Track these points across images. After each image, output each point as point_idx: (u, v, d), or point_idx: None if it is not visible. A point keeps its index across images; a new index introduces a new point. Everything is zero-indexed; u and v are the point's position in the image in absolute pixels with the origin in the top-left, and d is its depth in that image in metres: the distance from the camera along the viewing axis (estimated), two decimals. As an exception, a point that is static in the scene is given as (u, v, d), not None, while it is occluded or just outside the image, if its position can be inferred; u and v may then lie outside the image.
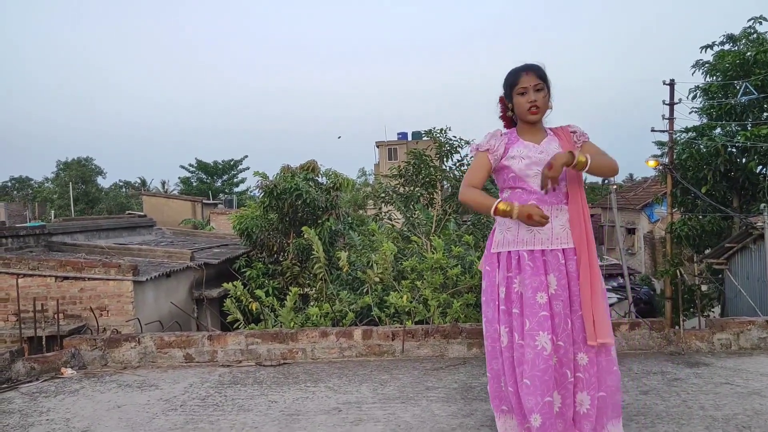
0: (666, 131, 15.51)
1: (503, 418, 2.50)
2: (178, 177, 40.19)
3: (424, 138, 13.81)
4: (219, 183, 39.20)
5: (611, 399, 2.36)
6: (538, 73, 2.42)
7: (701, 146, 14.54)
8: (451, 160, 11.20)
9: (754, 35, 15.40)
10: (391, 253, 5.07)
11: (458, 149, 11.12)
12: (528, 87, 2.40)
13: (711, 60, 15.61)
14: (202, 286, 9.65)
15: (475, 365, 3.79)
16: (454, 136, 11.27)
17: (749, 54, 14.58)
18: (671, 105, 15.34)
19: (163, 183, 46.52)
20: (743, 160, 14.29)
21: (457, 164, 11.19)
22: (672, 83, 15.37)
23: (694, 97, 15.80)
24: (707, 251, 15.17)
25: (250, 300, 5.53)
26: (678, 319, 4.35)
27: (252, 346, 4.15)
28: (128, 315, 7.66)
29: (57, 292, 7.73)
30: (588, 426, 2.33)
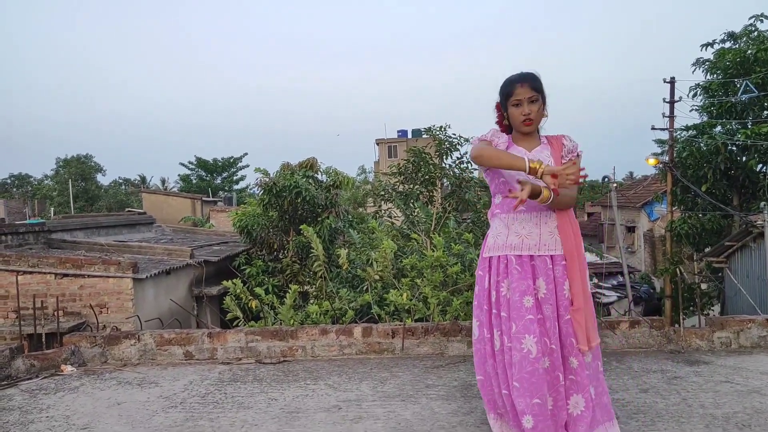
0: (666, 129, 15.54)
1: (499, 422, 2.52)
2: (178, 174, 40.11)
3: (424, 135, 13.82)
4: (219, 180, 39.11)
5: (598, 400, 2.38)
6: (533, 85, 2.41)
7: (701, 144, 14.52)
8: (451, 158, 11.23)
9: (755, 33, 15.38)
10: (391, 251, 5.05)
11: (458, 147, 11.15)
12: (522, 99, 2.40)
13: (711, 58, 15.59)
14: (202, 284, 9.66)
15: (475, 363, 3.79)
16: (454, 134, 11.31)
17: (750, 52, 14.56)
18: (671, 103, 15.34)
19: (163, 180, 46.51)
20: (743, 159, 14.26)
21: (457, 162, 11.21)
22: (672, 81, 15.38)
23: (695, 95, 15.80)
24: (707, 249, 15.16)
25: (250, 298, 5.52)
26: (678, 318, 4.34)
27: (252, 344, 4.15)
28: (128, 312, 7.66)
29: (57, 290, 7.73)
30: (583, 428, 2.33)
